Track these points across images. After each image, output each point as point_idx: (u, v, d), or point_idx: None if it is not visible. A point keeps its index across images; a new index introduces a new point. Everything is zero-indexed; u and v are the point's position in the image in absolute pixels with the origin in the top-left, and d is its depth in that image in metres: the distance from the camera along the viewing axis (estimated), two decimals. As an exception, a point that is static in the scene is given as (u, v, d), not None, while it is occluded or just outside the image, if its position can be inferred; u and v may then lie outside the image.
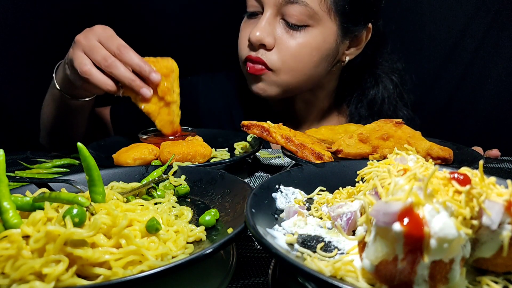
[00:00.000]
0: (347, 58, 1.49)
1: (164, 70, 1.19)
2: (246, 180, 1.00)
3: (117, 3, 1.90)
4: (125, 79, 1.13)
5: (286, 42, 1.34)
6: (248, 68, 1.40)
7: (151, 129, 1.31)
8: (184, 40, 1.94)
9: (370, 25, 1.46)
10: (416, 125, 1.67)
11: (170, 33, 1.93)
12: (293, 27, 1.33)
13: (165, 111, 1.23)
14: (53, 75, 1.35)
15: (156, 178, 0.86)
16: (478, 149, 1.33)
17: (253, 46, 1.38)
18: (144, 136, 1.22)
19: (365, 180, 0.63)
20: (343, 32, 1.40)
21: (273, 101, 1.63)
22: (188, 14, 1.94)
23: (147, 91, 1.16)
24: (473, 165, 0.95)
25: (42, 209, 0.60)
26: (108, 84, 1.14)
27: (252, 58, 1.38)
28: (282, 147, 1.08)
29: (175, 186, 0.86)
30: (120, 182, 0.84)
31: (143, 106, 1.19)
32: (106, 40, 1.14)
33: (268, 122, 1.13)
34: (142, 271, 0.50)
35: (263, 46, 1.36)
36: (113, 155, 1.09)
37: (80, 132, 1.50)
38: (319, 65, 1.40)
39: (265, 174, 1.19)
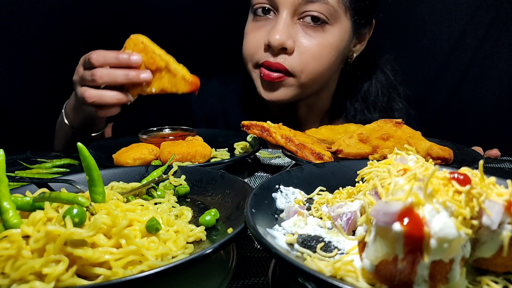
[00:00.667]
0: (354, 55, 1.49)
1: (136, 48, 1.17)
2: (246, 180, 1.00)
3: (117, 6, 1.89)
4: (119, 77, 1.12)
5: (306, 44, 1.31)
6: (262, 75, 1.34)
7: (151, 129, 1.31)
8: (181, 42, 1.94)
9: (373, 21, 1.47)
10: (411, 116, 1.66)
11: (167, 34, 1.93)
12: (312, 26, 1.30)
13: (168, 76, 1.19)
14: (64, 119, 1.36)
15: (156, 178, 0.86)
16: (478, 149, 1.32)
17: (272, 51, 1.31)
18: (144, 136, 1.22)
19: (365, 180, 0.63)
20: (354, 30, 1.40)
21: (274, 107, 1.60)
22: (185, 15, 1.94)
23: (145, 74, 1.15)
24: (473, 165, 0.95)
25: (42, 209, 0.60)
26: (115, 96, 1.15)
27: (271, 64, 1.32)
28: (282, 147, 1.08)
29: (175, 186, 0.86)
30: (120, 182, 0.84)
31: (153, 89, 1.17)
32: (83, 63, 1.17)
33: (268, 122, 1.13)
34: (142, 271, 0.50)
35: (283, 50, 1.30)
36: (113, 155, 1.09)
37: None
38: (334, 64, 1.39)
39: (265, 174, 1.19)
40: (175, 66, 1.19)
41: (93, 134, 1.38)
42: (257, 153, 1.36)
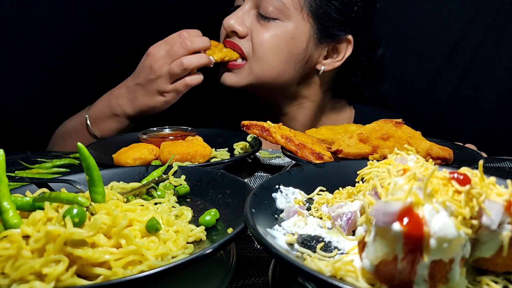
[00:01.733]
0: (322, 68, 1.48)
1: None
2: (246, 180, 1.00)
3: (119, 15, 1.89)
4: (204, 60, 1.35)
5: (257, 32, 1.39)
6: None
7: (151, 129, 1.31)
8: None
9: (350, 37, 1.44)
10: (395, 97, 1.72)
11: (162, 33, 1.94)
12: (264, 18, 1.38)
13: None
14: (90, 128, 1.47)
15: (156, 178, 0.86)
16: (472, 147, 1.33)
17: (228, 35, 1.44)
18: (144, 136, 1.22)
19: (365, 180, 0.63)
20: (318, 36, 1.41)
21: (264, 113, 1.64)
22: (187, 20, 1.95)
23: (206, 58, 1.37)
24: (473, 165, 0.95)
25: (42, 209, 0.60)
26: (206, 60, 1.36)
27: (227, 42, 1.44)
28: (282, 147, 1.08)
29: (175, 186, 0.85)
30: (120, 182, 0.84)
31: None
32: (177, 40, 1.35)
33: (268, 122, 1.13)
34: (142, 271, 0.50)
35: (235, 34, 1.42)
36: (113, 155, 1.09)
37: None
38: (288, 62, 1.41)
39: (265, 174, 1.19)
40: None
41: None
42: (257, 153, 1.36)
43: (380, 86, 1.71)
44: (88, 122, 1.45)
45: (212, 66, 1.40)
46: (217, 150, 1.25)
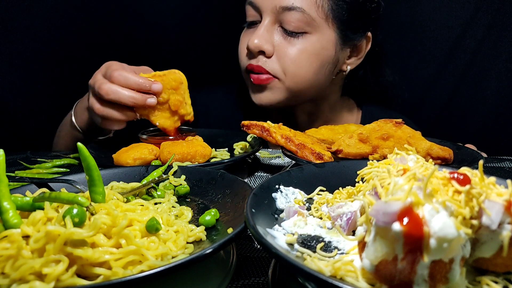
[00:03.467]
0: (348, 68, 1.49)
1: (173, 83, 1.19)
2: (246, 180, 1.00)
3: (118, 14, 1.89)
4: (126, 99, 1.11)
5: (285, 49, 1.35)
6: (252, 80, 1.40)
7: (151, 129, 1.31)
8: (183, 52, 1.94)
9: (369, 34, 1.46)
10: (403, 91, 1.72)
11: (170, 45, 1.93)
12: (291, 34, 1.34)
13: (175, 120, 1.22)
14: (72, 117, 1.38)
15: (156, 178, 0.86)
16: (472, 147, 1.33)
17: (252, 54, 1.38)
18: (144, 136, 1.22)
19: (365, 180, 0.63)
20: (342, 40, 1.40)
21: (274, 114, 1.63)
22: (187, 26, 1.95)
23: (151, 99, 1.14)
24: (473, 165, 0.95)
25: (42, 209, 0.60)
26: (122, 114, 1.14)
27: (253, 66, 1.38)
28: (282, 147, 1.08)
29: (175, 186, 0.86)
30: (120, 182, 0.84)
31: (157, 122, 1.19)
32: (105, 72, 1.15)
33: (268, 122, 1.13)
34: (142, 271, 0.50)
35: (262, 53, 1.36)
36: (113, 155, 1.09)
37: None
38: (320, 72, 1.40)
39: (265, 174, 1.19)
40: (190, 119, 1.25)
41: (100, 138, 1.40)
42: (257, 153, 1.36)
43: (385, 72, 1.70)
44: (72, 113, 1.39)
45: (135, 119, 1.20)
46: (217, 150, 1.25)
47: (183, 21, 1.92)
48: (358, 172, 0.67)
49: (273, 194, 0.71)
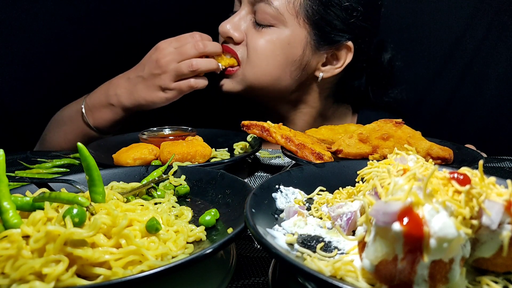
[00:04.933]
0: (321, 75, 1.45)
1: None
2: (246, 180, 1.00)
3: (119, 15, 1.89)
4: (211, 66, 1.36)
5: (252, 37, 1.38)
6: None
7: (151, 129, 1.31)
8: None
9: (350, 43, 1.41)
10: (403, 103, 1.71)
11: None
12: (259, 24, 1.37)
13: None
14: (84, 116, 1.45)
15: (156, 178, 0.86)
16: (472, 147, 1.33)
17: (224, 40, 1.43)
18: (144, 136, 1.22)
19: (365, 180, 0.63)
20: (316, 42, 1.38)
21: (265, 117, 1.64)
22: (185, 22, 1.94)
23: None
24: (473, 165, 0.95)
25: (42, 209, 0.60)
26: (214, 64, 1.37)
27: (224, 47, 1.43)
28: (282, 147, 1.08)
29: (175, 186, 0.86)
30: (120, 182, 0.84)
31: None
32: (170, 51, 1.34)
33: (268, 122, 1.13)
34: (142, 271, 0.50)
35: (231, 40, 1.41)
36: (113, 155, 1.09)
37: None
38: (284, 68, 1.39)
39: (265, 174, 1.19)
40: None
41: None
42: (257, 153, 1.36)
43: (389, 91, 1.69)
44: (83, 110, 1.43)
45: (219, 72, 1.41)
46: (217, 150, 1.25)
47: (180, 16, 1.92)
48: (358, 172, 0.67)
49: (273, 194, 0.71)
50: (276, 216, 0.67)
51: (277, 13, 1.33)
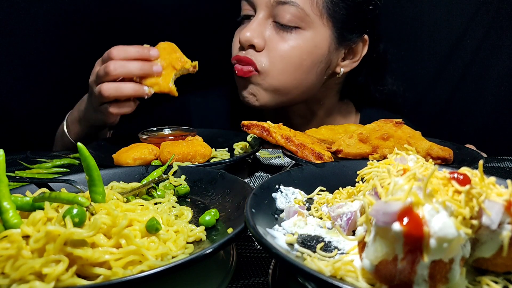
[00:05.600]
0: (342, 70, 1.46)
1: (165, 46, 1.24)
2: (246, 180, 1.00)
3: (117, 10, 1.89)
4: (134, 69, 1.16)
5: (276, 44, 1.32)
6: (236, 72, 1.37)
7: (151, 129, 1.31)
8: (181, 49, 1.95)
9: (366, 36, 1.43)
10: (403, 95, 1.71)
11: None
12: (284, 28, 1.32)
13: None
14: (64, 129, 1.41)
15: (156, 178, 0.86)
16: (472, 147, 1.33)
17: (243, 48, 1.36)
18: (144, 136, 1.22)
19: (365, 180, 0.63)
20: (337, 40, 1.38)
21: (268, 116, 1.61)
22: (185, 23, 1.94)
23: (157, 66, 1.20)
24: (473, 165, 0.95)
25: (42, 209, 0.60)
26: (132, 87, 1.18)
27: (241, 58, 1.35)
28: (282, 147, 1.08)
29: (175, 186, 0.86)
30: (120, 182, 0.84)
31: (170, 84, 1.23)
32: (105, 59, 1.20)
33: (268, 122, 1.13)
34: (142, 271, 0.50)
35: (252, 47, 1.34)
36: (113, 155, 1.09)
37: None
38: (311, 71, 1.37)
39: (265, 174, 1.19)
40: (193, 66, 1.28)
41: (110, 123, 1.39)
42: (257, 153, 1.36)
43: (386, 81, 1.69)
44: (65, 127, 1.41)
45: (147, 97, 1.22)
46: (217, 150, 1.25)
47: (180, 19, 1.92)
48: (358, 172, 0.67)
49: (273, 194, 0.71)
50: (276, 216, 0.67)
51: (303, 14, 1.29)
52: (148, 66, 1.18)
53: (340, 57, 1.44)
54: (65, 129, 1.40)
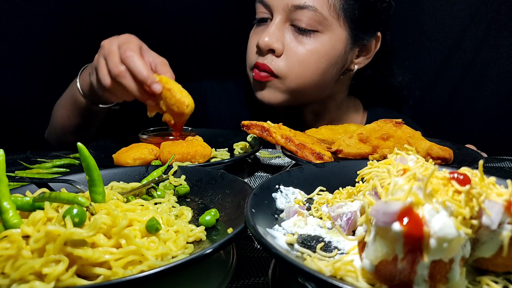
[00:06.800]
0: (356, 67, 1.48)
1: (176, 109, 1.16)
2: (246, 180, 1.00)
3: (127, 7, 1.89)
4: (131, 89, 1.14)
5: (295, 48, 1.34)
6: (254, 75, 1.40)
7: (151, 129, 1.31)
8: (195, 45, 1.94)
9: (379, 34, 1.45)
10: (413, 92, 1.71)
11: (181, 38, 1.92)
12: (303, 32, 1.32)
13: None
14: (77, 79, 1.36)
15: (156, 178, 0.86)
16: (472, 147, 1.33)
17: (262, 52, 1.37)
18: (144, 136, 1.22)
19: (365, 180, 0.63)
20: (353, 40, 1.39)
21: (282, 111, 1.62)
22: (199, 20, 1.94)
23: (150, 102, 1.18)
24: (473, 165, 0.95)
25: (42, 209, 0.60)
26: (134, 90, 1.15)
27: (259, 64, 1.37)
28: (282, 147, 1.08)
29: (175, 186, 0.86)
30: (120, 182, 0.84)
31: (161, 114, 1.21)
32: (122, 46, 1.15)
33: (268, 122, 1.13)
34: (142, 271, 0.50)
35: (271, 52, 1.35)
36: (113, 155, 1.09)
37: (91, 133, 1.50)
38: (327, 72, 1.39)
39: (265, 174, 1.19)
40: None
41: (101, 106, 1.37)
42: (257, 153, 1.36)
43: (393, 72, 1.68)
44: (78, 76, 1.37)
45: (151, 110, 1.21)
46: (217, 150, 1.25)
47: (192, 14, 1.92)
48: (358, 172, 0.67)
49: (273, 194, 0.71)
50: (276, 216, 0.67)
51: (321, 17, 1.30)
52: (142, 97, 1.16)
53: (354, 55, 1.46)
54: (77, 80, 1.35)
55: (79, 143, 0.65)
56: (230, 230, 0.63)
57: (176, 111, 1.17)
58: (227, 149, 1.27)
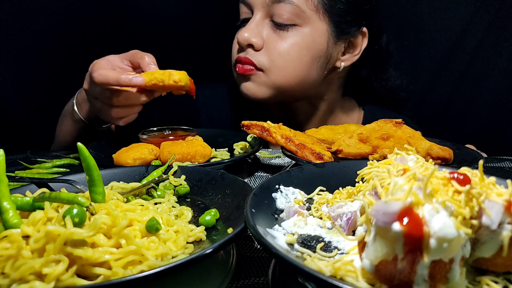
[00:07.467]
0: (342, 64, 1.47)
1: (173, 83, 1.16)
2: (246, 180, 1.00)
3: (121, 11, 1.89)
4: (134, 102, 1.17)
5: (275, 42, 1.35)
6: (237, 69, 1.40)
7: (151, 129, 1.31)
8: (184, 49, 1.94)
9: (365, 29, 1.44)
10: (410, 94, 1.71)
11: (172, 45, 1.92)
12: (281, 26, 1.34)
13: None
14: (75, 107, 1.37)
15: (156, 178, 0.86)
16: (472, 147, 1.33)
17: (242, 48, 1.38)
18: (144, 136, 1.22)
19: (365, 180, 0.63)
20: (336, 34, 1.39)
21: (274, 111, 1.62)
22: (188, 24, 1.94)
23: (137, 79, 1.13)
24: (473, 165, 0.95)
25: (42, 209, 0.60)
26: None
27: (241, 59, 1.38)
28: (282, 147, 1.08)
29: (175, 186, 0.86)
30: (120, 182, 0.84)
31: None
32: (94, 79, 1.13)
33: (268, 122, 1.13)
34: (142, 271, 0.50)
35: (251, 47, 1.37)
36: (113, 155, 1.09)
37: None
38: (311, 67, 1.38)
39: (265, 174, 1.19)
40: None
41: (104, 126, 1.40)
42: (257, 153, 1.36)
43: (389, 74, 1.68)
44: (75, 106, 1.37)
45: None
46: (217, 150, 1.25)
47: (184, 18, 1.92)
48: (358, 172, 0.67)
49: (273, 194, 0.71)
50: (276, 216, 0.67)
51: (299, 10, 1.31)
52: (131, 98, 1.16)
53: (340, 52, 1.45)
54: (75, 109, 1.37)
55: (79, 143, 0.65)
56: (230, 230, 0.63)
57: (177, 83, 1.16)
58: (227, 149, 1.27)
